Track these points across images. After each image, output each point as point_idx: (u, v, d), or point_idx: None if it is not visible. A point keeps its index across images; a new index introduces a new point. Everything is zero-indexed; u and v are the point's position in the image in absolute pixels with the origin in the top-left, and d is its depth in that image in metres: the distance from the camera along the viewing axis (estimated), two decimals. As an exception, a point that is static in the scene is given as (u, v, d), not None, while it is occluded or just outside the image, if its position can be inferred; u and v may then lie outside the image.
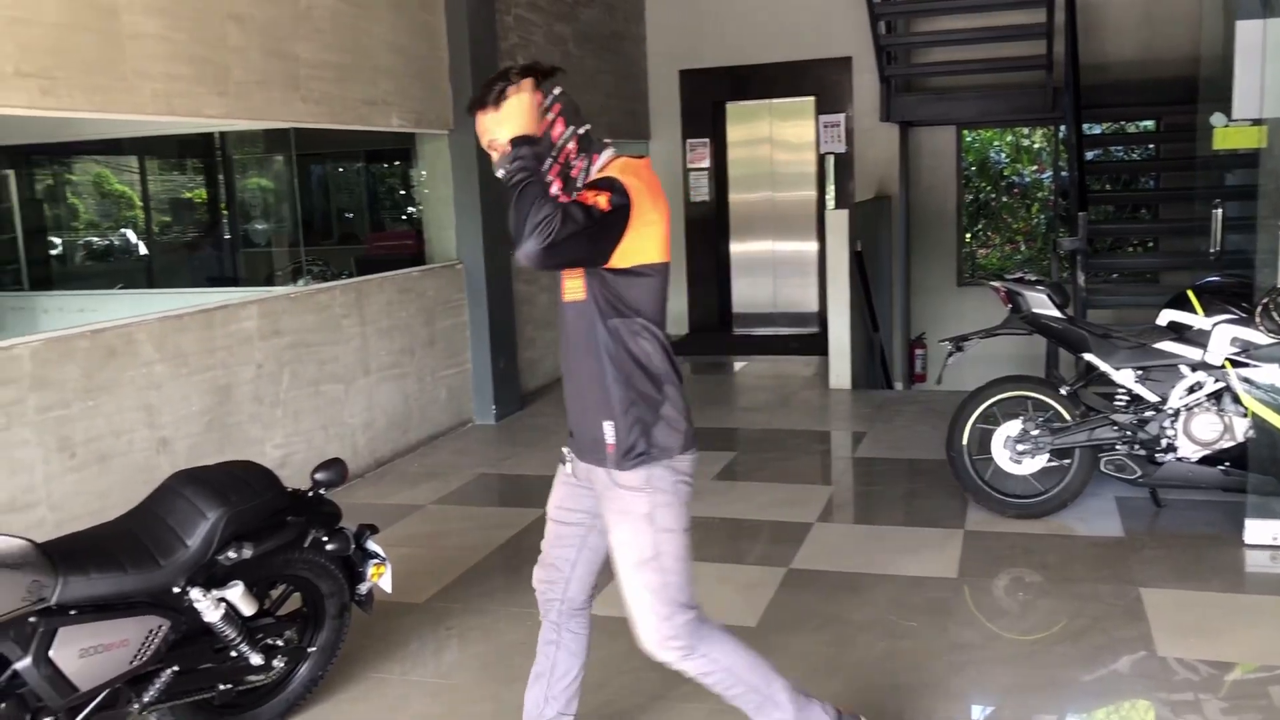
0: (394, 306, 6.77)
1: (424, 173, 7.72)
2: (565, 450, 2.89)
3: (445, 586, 4.64)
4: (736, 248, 11.26)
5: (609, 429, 2.66)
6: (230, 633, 3.14)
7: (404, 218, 11.33)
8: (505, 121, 2.53)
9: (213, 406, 5.27)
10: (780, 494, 5.71)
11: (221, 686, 3.22)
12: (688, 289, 11.16)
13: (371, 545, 3.56)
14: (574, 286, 2.66)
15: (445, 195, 7.49)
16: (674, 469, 2.69)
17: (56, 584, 2.73)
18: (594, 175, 2.63)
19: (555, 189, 2.58)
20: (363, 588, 3.53)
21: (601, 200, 2.48)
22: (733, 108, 11.06)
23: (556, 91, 2.64)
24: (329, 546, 3.39)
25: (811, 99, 10.66)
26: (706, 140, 10.95)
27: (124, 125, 7.47)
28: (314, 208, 10.67)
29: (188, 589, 3.01)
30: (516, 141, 2.49)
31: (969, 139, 11.82)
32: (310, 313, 6.04)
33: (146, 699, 2.99)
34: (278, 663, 3.32)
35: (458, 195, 7.41)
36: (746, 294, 11.25)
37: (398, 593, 4.32)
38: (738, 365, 9.73)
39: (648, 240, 2.58)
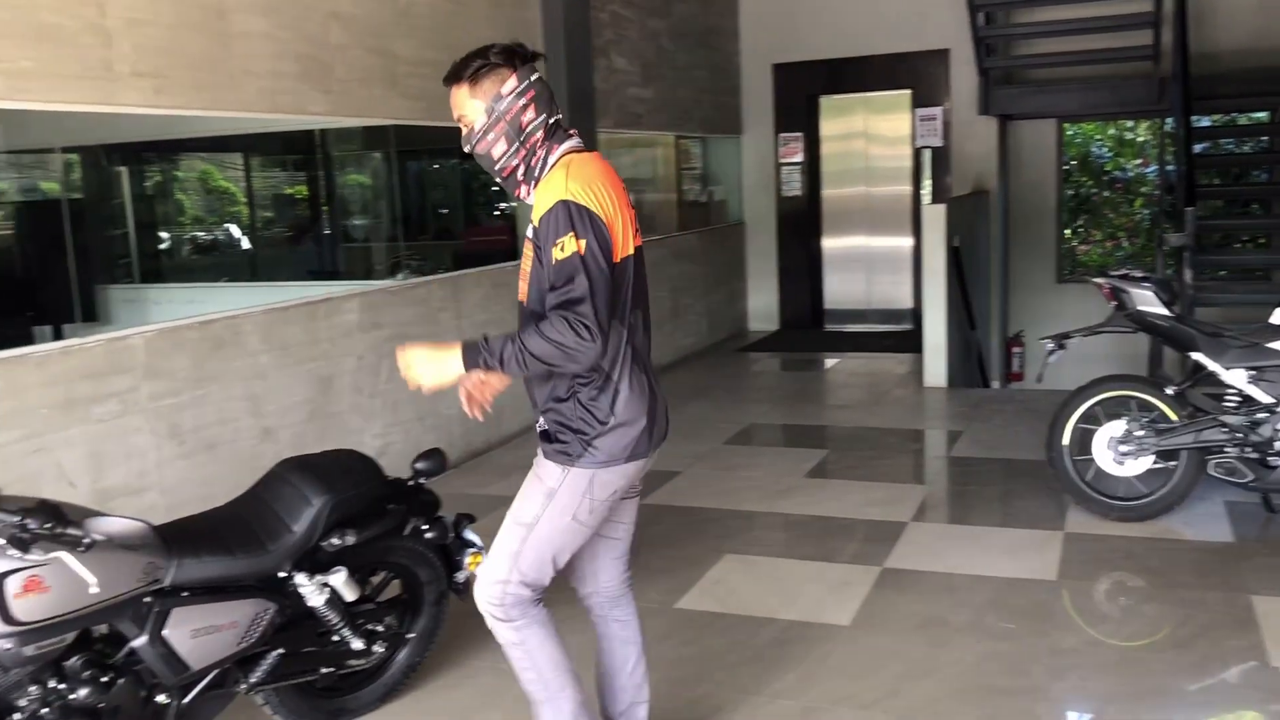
0: (489, 300, 6.85)
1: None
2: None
3: (538, 577, 4.67)
4: (829, 243, 11.15)
5: (544, 420, 2.73)
6: (333, 617, 3.21)
7: (496, 213, 11.46)
8: (431, 361, 2.61)
9: (314, 397, 5.40)
10: (873, 493, 5.65)
11: (324, 669, 3.30)
12: (779, 285, 11.10)
13: (469, 534, 3.61)
14: (522, 288, 2.74)
15: (539, 190, 7.54)
16: (602, 475, 2.68)
17: (171, 566, 2.83)
18: (548, 168, 2.64)
19: (521, 173, 2.66)
20: (460, 576, 3.59)
21: (582, 246, 2.49)
22: (826, 101, 10.96)
23: (533, 77, 2.67)
24: (428, 535, 3.45)
25: (907, 92, 10.51)
26: (799, 135, 10.87)
27: (229, 123, 7.69)
28: (410, 203, 10.84)
29: (293, 574, 3.09)
30: (471, 356, 2.57)
31: (1070, 132, 11.52)
32: (409, 306, 6.15)
33: (253, 680, 3.07)
34: (378, 648, 3.39)
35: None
36: (839, 290, 11.14)
37: (492, 582, 4.38)
38: (829, 362, 9.64)
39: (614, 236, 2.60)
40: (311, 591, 3.12)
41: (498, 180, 2.74)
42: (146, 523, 2.45)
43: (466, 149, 2.68)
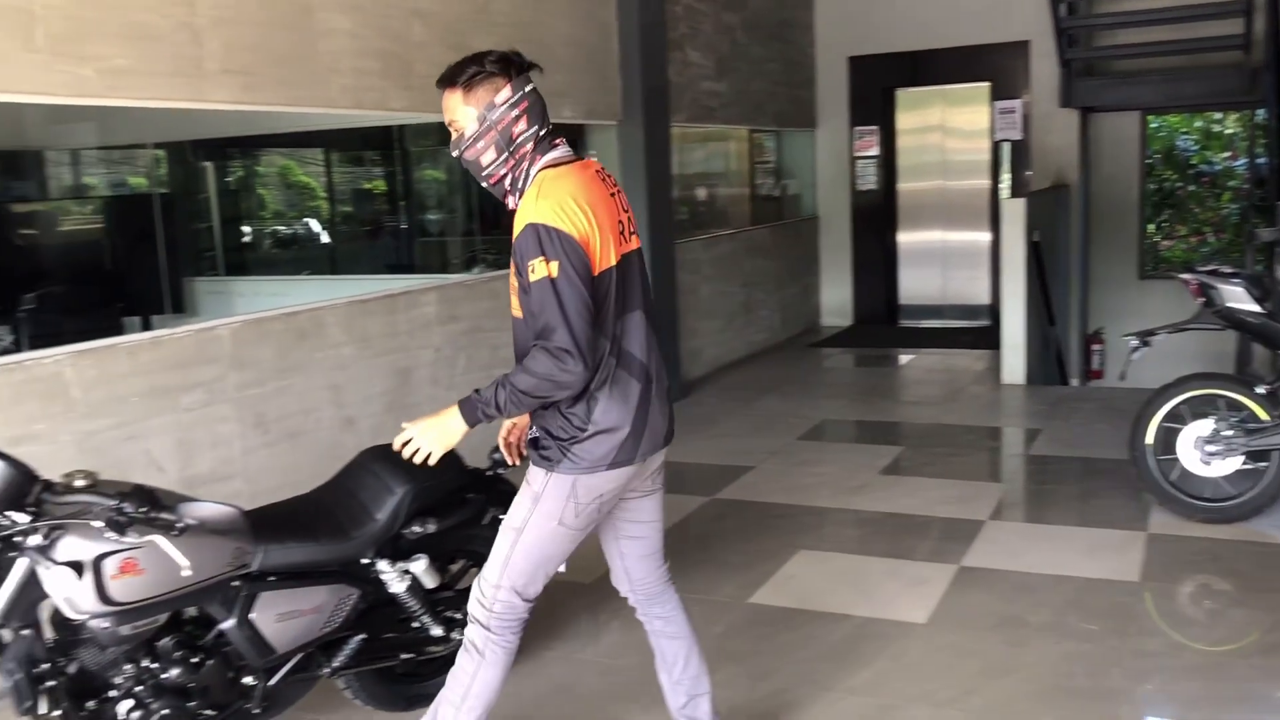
0: (562, 294, 6.88)
1: (592, 163, 7.82)
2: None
3: (612, 569, 4.70)
4: (904, 238, 11.03)
5: (534, 426, 2.76)
6: (414, 604, 3.27)
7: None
8: (433, 428, 2.66)
9: (394, 388, 5.49)
10: (949, 490, 5.58)
11: (403, 655, 3.36)
12: (853, 279, 11.01)
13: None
14: (514, 304, 2.73)
15: (613, 185, 7.57)
16: (584, 480, 2.69)
17: (258, 551, 2.90)
18: (530, 179, 2.64)
19: (508, 182, 2.66)
20: (541, 567, 3.62)
21: (552, 269, 2.49)
22: (903, 94, 10.83)
23: (528, 88, 2.66)
24: (502, 519, 3.48)
25: (986, 85, 10.35)
26: (875, 128, 10.76)
27: (311, 119, 7.83)
28: (486, 198, 10.93)
29: (375, 561, 3.15)
30: (469, 412, 2.64)
31: (1154, 125, 11.24)
32: (484, 299, 6.22)
33: (336, 664, 3.14)
34: (456, 634, 3.44)
35: (624, 185, 7.45)
36: (914, 285, 11.02)
37: (567, 573, 4.42)
38: (904, 358, 9.54)
39: (593, 251, 2.58)
40: (393, 578, 3.18)
41: (483, 185, 2.74)
42: (237, 508, 2.52)
43: (454, 154, 2.69)
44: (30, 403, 3.79)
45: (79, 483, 2.55)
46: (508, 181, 2.68)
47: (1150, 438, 4.99)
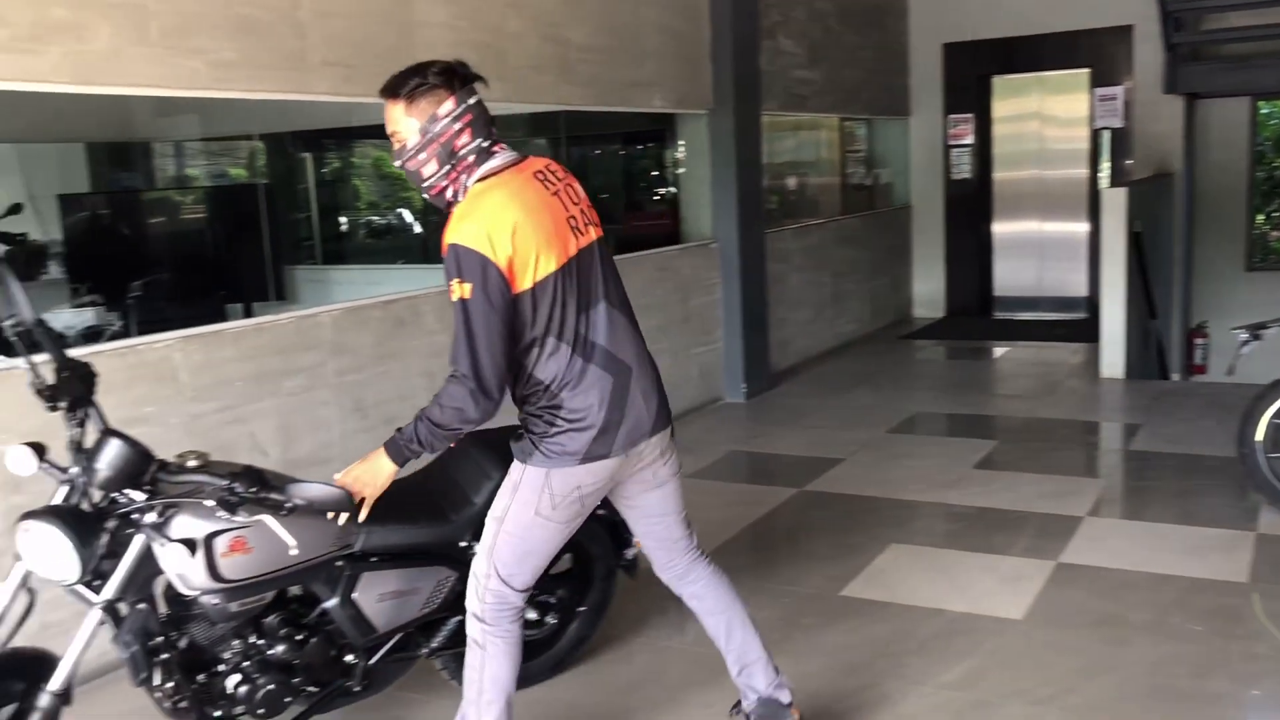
0: (651, 284, 6.91)
1: (681, 152, 7.82)
2: None
3: (701, 559, 4.70)
4: (999, 228, 10.81)
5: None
6: None
7: (656, 198, 11.53)
8: (365, 473, 2.67)
9: (485, 375, 5.55)
10: (1046, 485, 5.46)
11: None
12: (945, 270, 10.84)
13: (638, 514, 3.66)
14: None
15: (702, 174, 7.56)
16: (556, 474, 2.70)
17: (361, 533, 2.97)
18: (465, 192, 2.62)
19: (449, 194, 2.64)
20: (629, 553, 3.65)
21: (465, 291, 2.52)
22: (999, 81, 10.61)
23: (471, 100, 2.62)
24: (600, 511, 3.51)
25: (1086, 71, 10.08)
26: (970, 116, 10.56)
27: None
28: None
29: (473, 544, 3.19)
30: (394, 452, 2.68)
31: (1264, 111, 10.83)
32: (574, 288, 6.26)
33: (434, 644, 3.20)
34: (550, 619, 3.48)
35: (715, 174, 7.47)
36: (1009, 277, 10.80)
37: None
38: (998, 351, 9.36)
39: (516, 272, 2.56)
40: None
41: (425, 196, 2.72)
42: (343, 490, 2.58)
43: (396, 164, 2.67)
44: (141, 386, 3.92)
45: (191, 463, 2.64)
46: (449, 193, 2.66)
47: (1260, 434, 4.82)
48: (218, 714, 2.79)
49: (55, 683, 2.53)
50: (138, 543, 2.57)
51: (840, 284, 9.53)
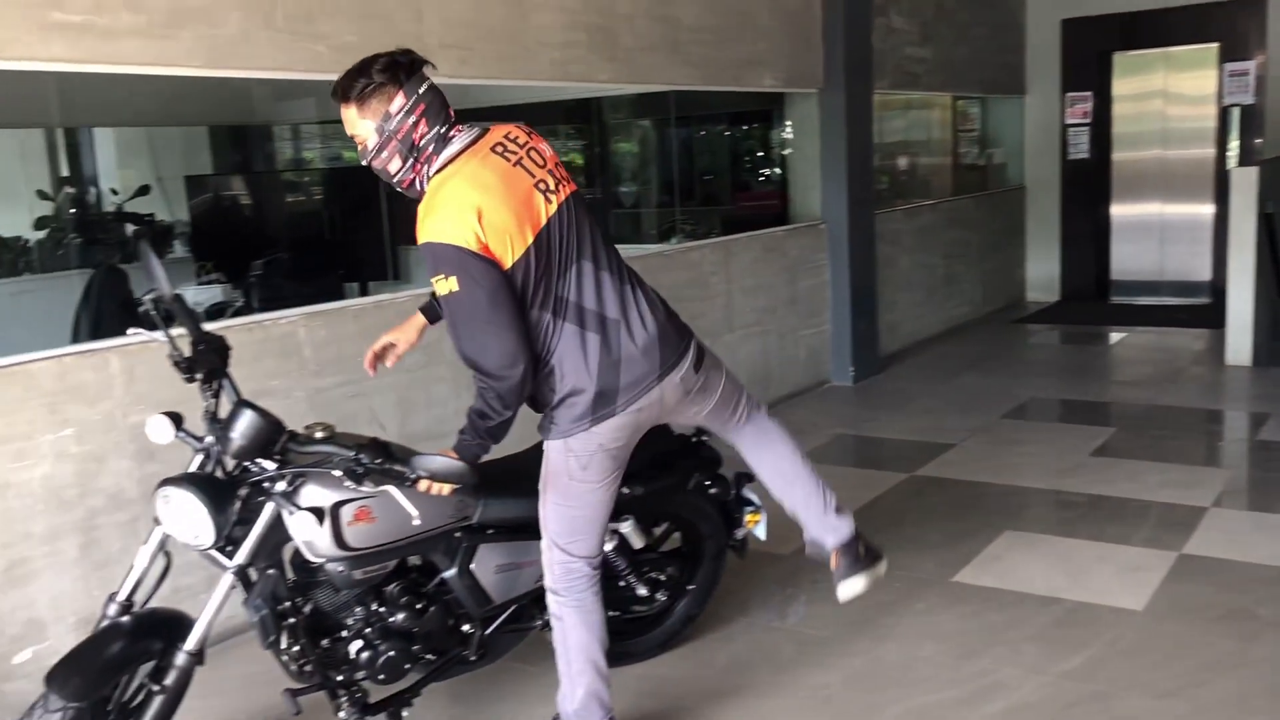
0: (758, 265, 6.87)
1: (790, 132, 7.75)
2: None
3: (809, 541, 4.68)
4: (1118, 210, 10.45)
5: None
6: (620, 563, 3.35)
7: (763, 178, 11.44)
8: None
9: (594, 355, 5.60)
10: (1168, 474, 5.29)
11: (610, 613, 3.44)
12: (1060, 253, 10.53)
13: (747, 493, 3.67)
14: None
15: (811, 154, 7.48)
16: (573, 441, 2.77)
17: (479, 505, 3.03)
18: (430, 179, 2.63)
19: (419, 186, 2.66)
20: (739, 533, 3.65)
21: (451, 285, 2.52)
22: (1121, 58, 10.24)
23: (422, 89, 2.62)
24: (711, 490, 3.52)
25: (1214, 46, 9.66)
26: (1088, 94, 10.22)
27: (515, 93, 8.03)
28: (682, 169, 11.00)
29: None
30: (465, 451, 2.69)
31: None
32: (682, 270, 6.27)
33: (548, 617, 3.24)
34: (660, 596, 3.51)
35: (824, 154, 7.38)
36: (1128, 260, 10.44)
37: (763, 544, 4.42)
38: (1115, 336, 9.07)
39: (496, 250, 2.57)
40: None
41: (399, 190, 2.75)
42: (465, 464, 2.63)
43: (364, 163, 2.70)
44: (268, 360, 4.05)
45: (319, 434, 2.72)
46: (418, 185, 2.69)
47: (1402, 425, 4.59)
48: (340, 678, 2.88)
49: (191, 642, 2.64)
50: (268, 510, 2.67)
51: (951, 266, 9.34)
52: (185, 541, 2.64)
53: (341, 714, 2.83)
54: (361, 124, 2.63)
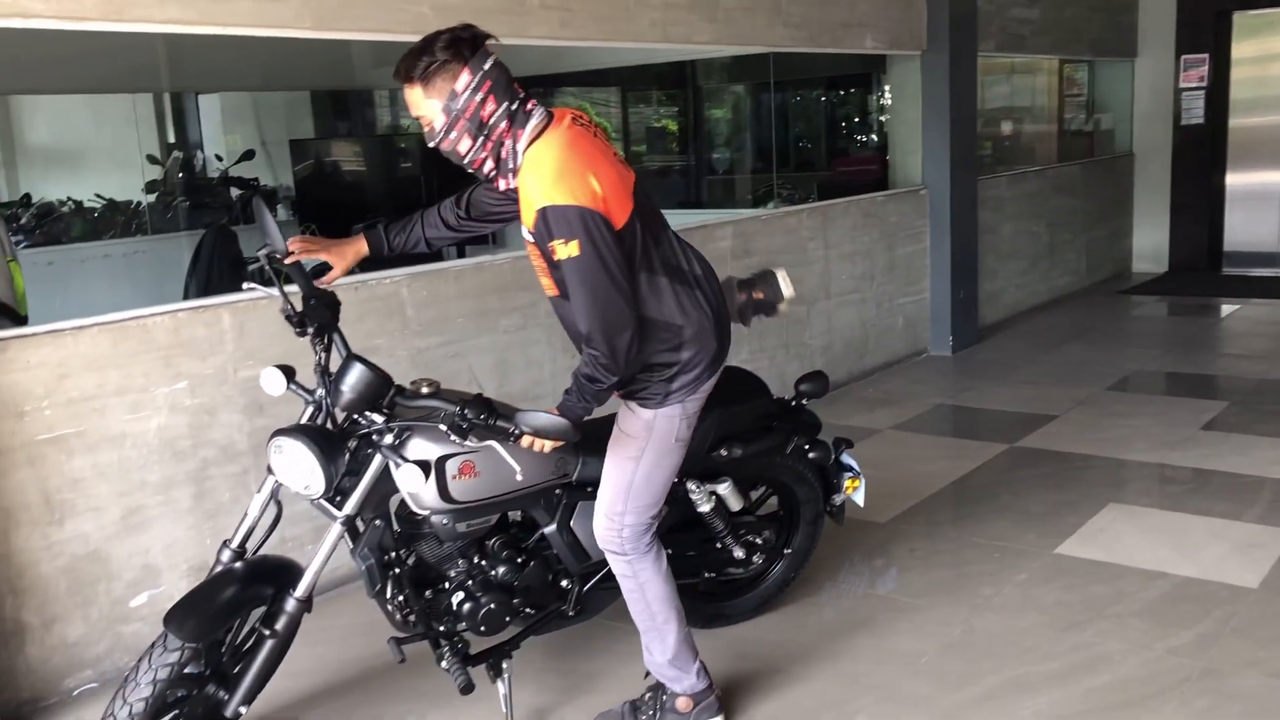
0: (857, 231, 6.77)
1: (890, 96, 7.60)
2: None
3: (907, 510, 4.63)
4: (1234, 179, 10.04)
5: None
6: (718, 525, 3.34)
7: (861, 144, 11.26)
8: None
9: (689, 319, 5.58)
10: (1283, 450, 5.10)
11: (706, 574, 3.45)
12: (1170, 222, 10.17)
13: (847, 459, 3.63)
14: (545, 283, 2.77)
15: (913, 118, 7.33)
16: (689, 403, 2.82)
17: (578, 463, 3.05)
18: (519, 158, 2.58)
19: (489, 166, 2.62)
20: (837, 498, 3.62)
21: (572, 249, 2.48)
22: (1241, 19, 9.79)
23: (487, 65, 2.54)
24: (811, 455, 3.49)
25: (1343, 4, 9.20)
26: (1205, 57, 9.81)
27: (612, 56, 8.01)
28: (779, 134, 10.89)
29: (684, 481, 3.23)
30: (570, 412, 2.61)
31: None
32: (778, 235, 6.20)
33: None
34: (756, 559, 3.49)
35: (926, 118, 7.22)
36: (1242, 230, 10.04)
37: (861, 510, 4.38)
38: (1227, 308, 8.75)
39: (611, 212, 2.56)
40: (700, 498, 3.26)
41: (470, 171, 2.68)
42: (566, 419, 2.64)
43: (431, 145, 2.62)
44: (372, 319, 4.13)
45: (425, 389, 2.76)
46: (488, 165, 2.63)
47: None
48: (442, 628, 2.93)
49: (300, 589, 2.71)
50: (376, 462, 2.72)
51: (1055, 235, 9.09)
52: (297, 491, 2.70)
53: (443, 664, 2.89)
54: (427, 104, 2.57)
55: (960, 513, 4.61)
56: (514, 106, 2.59)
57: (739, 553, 3.42)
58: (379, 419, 2.70)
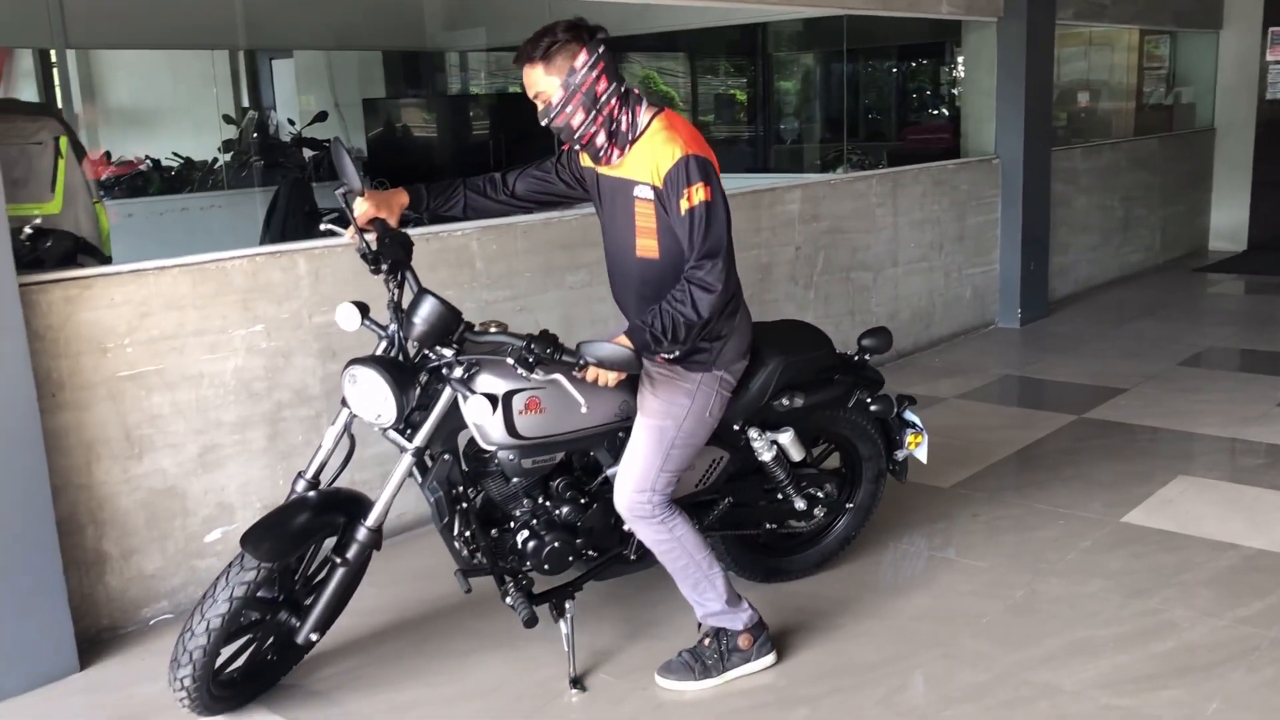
0: (927, 199, 6.69)
1: (964, 64, 7.48)
2: None
3: (970, 476, 4.60)
4: (1319, 155, 9.76)
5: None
6: (779, 474, 3.36)
7: (931, 114, 11.11)
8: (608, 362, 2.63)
9: (753, 282, 5.57)
10: (1364, 428, 4.97)
11: (767, 525, 3.47)
12: (1251, 200, 9.90)
13: (909, 415, 3.62)
14: (641, 245, 2.89)
15: (987, 87, 7.21)
16: (727, 377, 3.01)
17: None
18: (641, 130, 2.81)
19: (601, 139, 2.82)
20: (900, 454, 3.61)
21: (703, 194, 2.72)
22: (1333, -11, 9.49)
23: (600, 50, 2.77)
24: (873, 408, 3.49)
25: None
26: (1294, 29, 9.52)
27: (678, 17, 7.97)
28: (850, 103, 10.78)
29: (746, 428, 3.25)
30: (639, 341, 2.70)
31: None
32: (848, 200, 6.16)
33: (706, 522, 3.30)
34: (818, 512, 3.50)
35: (1001, 86, 7.10)
36: (1327, 209, 9.76)
37: (923, 475, 4.38)
38: (1308, 288, 8.53)
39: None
40: (762, 446, 3.28)
41: (578, 147, 2.90)
42: (632, 351, 2.66)
43: (544, 123, 2.83)
44: (443, 270, 4.18)
45: (494, 327, 2.80)
46: (600, 138, 2.83)
47: None
48: (507, 566, 2.98)
49: (371, 519, 2.78)
50: (445, 395, 2.77)
51: (1130, 210, 8.91)
52: (369, 420, 2.77)
53: (508, 599, 2.94)
54: (546, 80, 2.78)
55: (1025, 480, 4.57)
56: (622, 89, 2.83)
57: (800, 504, 3.43)
58: (449, 353, 2.74)
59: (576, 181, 3.11)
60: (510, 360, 2.68)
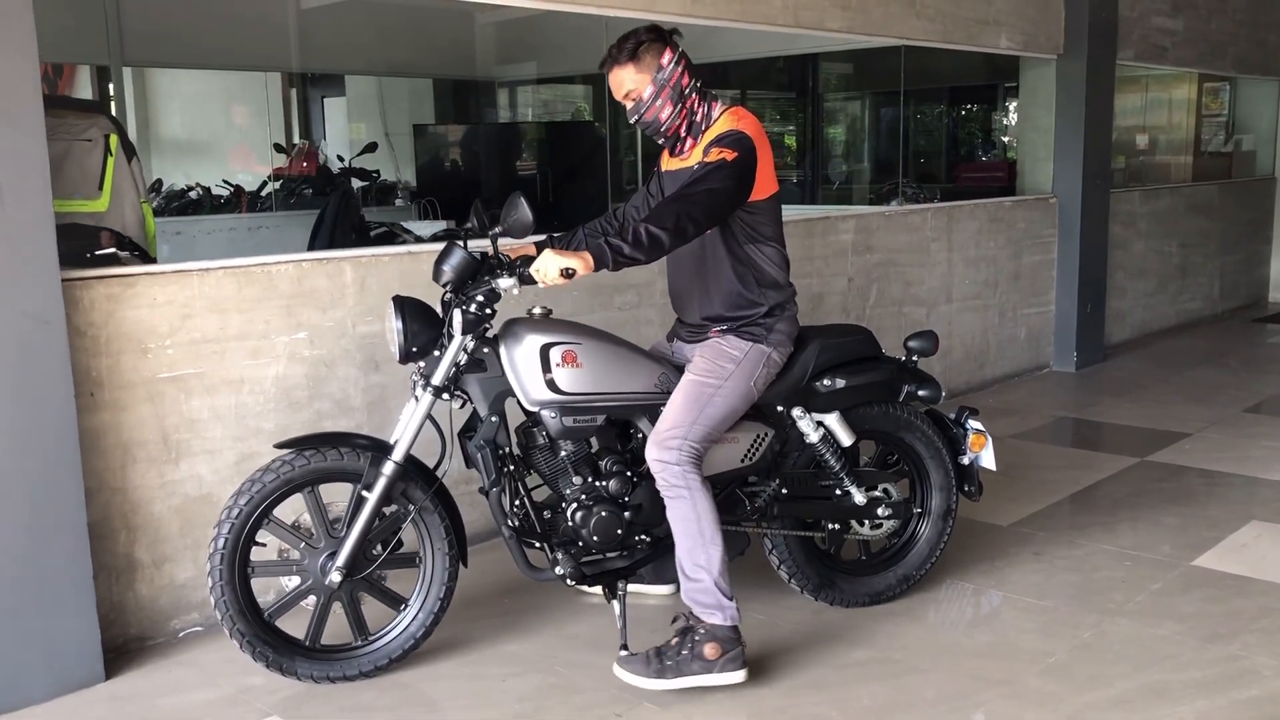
0: (982, 236, 6.55)
1: (1022, 100, 7.36)
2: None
3: (1030, 515, 4.41)
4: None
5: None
6: (831, 460, 3.30)
7: (984, 155, 10.98)
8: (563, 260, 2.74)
9: (806, 313, 5.37)
10: None
11: (829, 525, 3.37)
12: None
13: (972, 423, 3.55)
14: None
15: (1044, 124, 7.08)
16: (774, 355, 3.15)
17: (677, 382, 3.09)
18: (713, 120, 3.04)
19: (684, 131, 3.06)
20: (964, 458, 3.52)
21: (728, 154, 2.89)
22: (1399, 38, 9.30)
23: (681, 48, 3.03)
24: (920, 393, 3.42)
25: None
26: (1358, 78, 9.33)
27: (731, 47, 7.90)
28: (904, 144, 10.68)
29: (789, 408, 3.24)
30: (598, 255, 2.77)
31: None
32: (902, 233, 6.03)
33: (757, 504, 3.26)
34: (882, 513, 3.42)
35: (1060, 124, 6.97)
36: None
37: (981, 513, 4.22)
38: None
39: (762, 178, 3.00)
40: (808, 427, 3.27)
41: (659, 141, 3.13)
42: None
43: (633, 120, 3.06)
44: (489, 283, 4.08)
45: (537, 311, 3.09)
46: (684, 129, 3.06)
47: None
48: (559, 539, 3.07)
49: (397, 453, 2.97)
50: (456, 325, 2.93)
51: (1188, 257, 8.70)
52: (391, 351, 2.98)
53: (559, 569, 3.03)
54: (637, 78, 3.00)
55: (1087, 520, 4.38)
56: (699, 84, 3.06)
57: (859, 498, 3.37)
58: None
59: (661, 191, 3.22)
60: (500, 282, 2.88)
